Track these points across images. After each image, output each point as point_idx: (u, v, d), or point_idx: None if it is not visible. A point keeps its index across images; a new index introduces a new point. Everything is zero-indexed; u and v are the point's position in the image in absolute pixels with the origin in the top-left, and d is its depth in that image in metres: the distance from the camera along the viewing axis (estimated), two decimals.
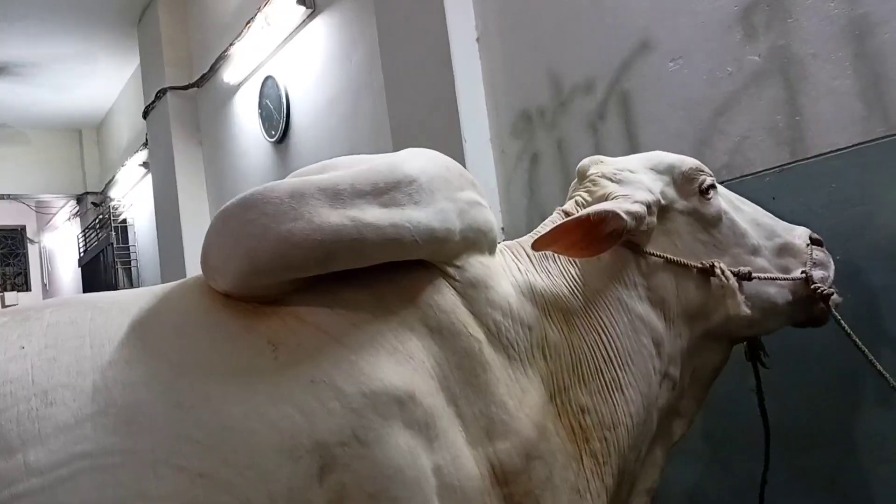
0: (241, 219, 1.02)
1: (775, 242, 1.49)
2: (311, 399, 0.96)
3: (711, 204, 1.43)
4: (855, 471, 1.79)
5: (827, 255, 1.54)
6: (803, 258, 1.49)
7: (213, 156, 5.77)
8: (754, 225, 1.49)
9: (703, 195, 1.43)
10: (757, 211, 1.54)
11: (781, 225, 1.54)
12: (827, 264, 1.53)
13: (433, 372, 1.09)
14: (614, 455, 1.26)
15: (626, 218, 1.29)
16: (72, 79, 7.66)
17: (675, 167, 1.45)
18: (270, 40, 4.62)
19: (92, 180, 9.60)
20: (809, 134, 1.88)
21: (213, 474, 0.88)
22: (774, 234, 1.50)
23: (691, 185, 1.43)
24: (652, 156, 1.50)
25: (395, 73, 3.27)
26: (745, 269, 1.39)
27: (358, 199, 1.07)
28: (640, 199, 1.35)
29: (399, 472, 0.97)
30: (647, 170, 1.45)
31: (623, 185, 1.39)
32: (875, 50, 1.75)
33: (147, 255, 7.76)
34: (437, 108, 2.99)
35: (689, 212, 1.43)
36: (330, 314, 1.07)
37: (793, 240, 1.51)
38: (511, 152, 2.89)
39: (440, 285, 1.16)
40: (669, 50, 2.24)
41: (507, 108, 2.90)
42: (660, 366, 1.35)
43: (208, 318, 1.03)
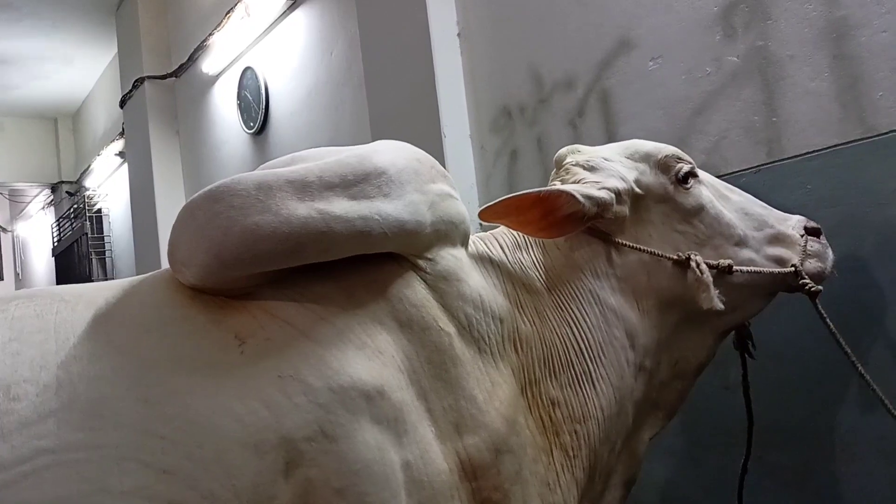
0: (208, 211, 1.01)
1: (766, 233, 1.45)
2: (278, 394, 0.95)
3: (690, 193, 1.40)
4: (826, 468, 1.81)
5: (824, 244, 1.49)
6: (796, 248, 1.44)
7: (191, 147, 5.71)
8: (742, 215, 1.45)
9: (680, 184, 1.40)
10: (747, 200, 1.49)
11: (775, 214, 1.49)
12: (823, 255, 1.47)
13: (403, 366, 1.08)
14: (584, 448, 1.26)
15: (582, 200, 1.27)
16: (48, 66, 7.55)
17: (652, 155, 1.43)
18: (250, 31, 4.58)
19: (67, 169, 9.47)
20: (786, 135, 1.90)
21: (178, 470, 0.87)
22: (765, 223, 1.46)
23: (667, 173, 1.40)
24: (629, 144, 1.47)
25: (375, 66, 3.26)
26: (725, 261, 1.36)
27: (326, 191, 1.06)
28: (608, 185, 1.33)
29: (366, 468, 0.96)
30: (624, 158, 1.42)
31: (595, 173, 1.37)
32: (852, 52, 1.76)
33: (122, 246, 7.67)
34: (418, 103, 2.98)
35: (664, 201, 1.40)
36: (298, 308, 1.05)
37: (785, 230, 1.46)
38: (491, 148, 2.88)
39: (410, 279, 1.15)
40: (649, 49, 2.25)
41: (488, 104, 2.89)
42: (634, 358, 1.34)
43: (175, 313, 1.02)
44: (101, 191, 8.31)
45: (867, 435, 1.73)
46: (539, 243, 1.40)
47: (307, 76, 4.11)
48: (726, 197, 1.47)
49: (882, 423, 1.67)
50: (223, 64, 5.01)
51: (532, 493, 1.16)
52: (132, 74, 6.02)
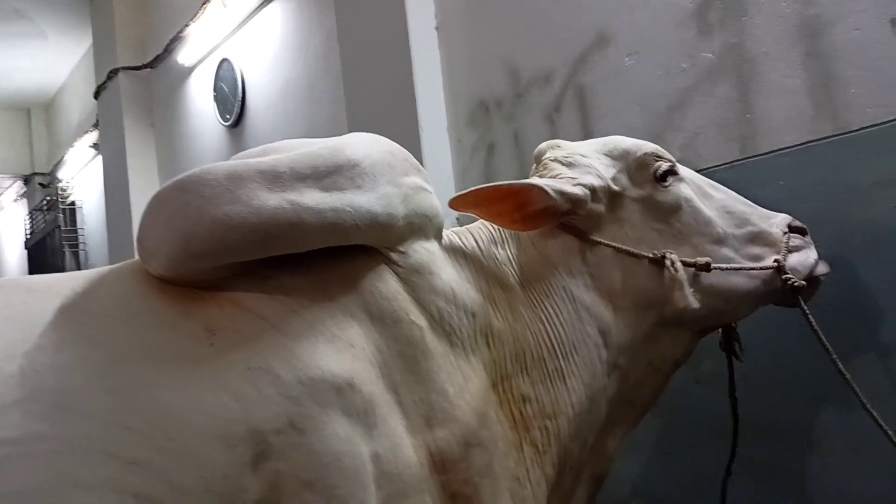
0: (177, 201, 0.99)
1: (747, 231, 1.43)
2: (248, 386, 0.94)
3: (668, 192, 1.38)
4: (799, 463, 1.83)
5: (808, 242, 1.48)
6: (778, 246, 1.42)
7: (166, 138, 5.66)
8: (724, 213, 1.43)
9: (658, 182, 1.38)
10: (730, 198, 1.48)
11: (758, 212, 1.48)
12: (805, 251, 1.46)
13: (374, 359, 1.07)
14: (554, 444, 1.26)
15: (554, 196, 1.26)
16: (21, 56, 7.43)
17: (630, 153, 1.41)
18: (227, 22, 4.54)
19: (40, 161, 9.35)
20: (759, 131, 1.91)
21: (146, 461, 0.86)
22: (747, 222, 1.44)
23: (645, 171, 1.39)
24: (609, 141, 1.46)
25: (352, 59, 3.24)
26: (703, 259, 1.34)
27: (298, 182, 1.04)
28: (583, 182, 1.33)
29: (336, 460, 0.96)
30: (602, 155, 1.42)
31: (572, 169, 1.37)
32: (825, 50, 1.78)
33: (96, 238, 7.58)
34: (395, 97, 2.96)
35: (642, 199, 1.39)
36: (269, 300, 1.04)
37: (767, 228, 1.45)
38: (468, 142, 2.88)
39: (382, 272, 1.14)
40: (626, 44, 2.25)
41: (465, 98, 2.89)
42: (607, 356, 1.33)
43: (144, 304, 1.00)
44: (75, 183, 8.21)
45: (840, 430, 1.75)
46: (515, 239, 1.39)
47: (284, 68, 4.08)
48: (709, 195, 1.45)
49: (855, 418, 1.69)
50: (199, 55, 4.97)
51: (502, 487, 1.15)
52: (107, 65, 5.95)
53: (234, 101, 4.52)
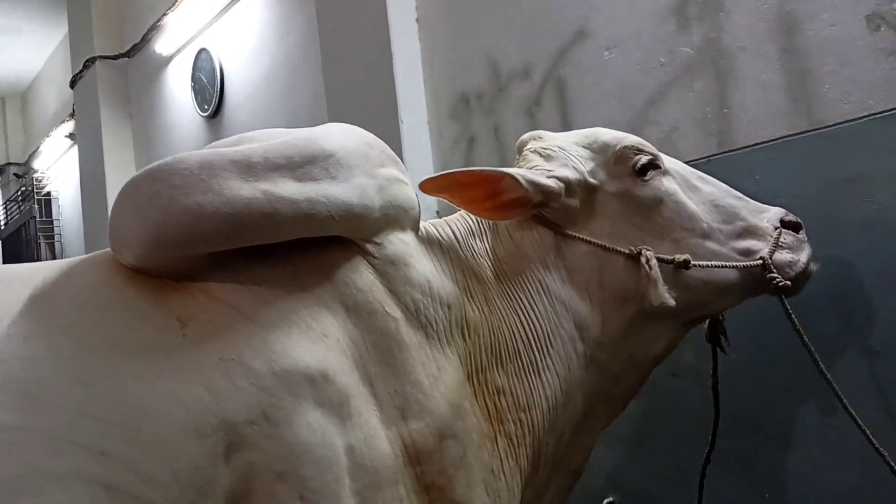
0: (148, 190, 0.98)
1: (735, 226, 1.41)
2: (220, 377, 0.94)
3: (648, 186, 1.36)
4: (770, 455, 1.85)
5: (800, 238, 1.45)
6: (768, 241, 1.40)
7: (143, 129, 5.60)
8: (711, 207, 1.41)
9: (637, 176, 1.36)
10: (720, 191, 1.45)
11: (750, 206, 1.45)
12: (797, 248, 1.43)
13: (348, 351, 1.07)
14: (529, 437, 1.26)
15: (525, 185, 1.26)
16: None
17: (609, 146, 1.39)
18: (205, 11, 4.49)
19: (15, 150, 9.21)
20: (736, 126, 1.92)
21: (116, 452, 0.85)
22: (736, 216, 1.41)
23: (624, 165, 1.37)
24: (590, 133, 1.44)
25: (332, 50, 3.22)
26: (681, 256, 1.32)
27: (271, 172, 1.04)
28: (558, 175, 1.32)
29: (309, 452, 0.95)
30: (581, 147, 1.40)
31: (549, 161, 1.37)
32: (802, 46, 1.79)
33: (72, 230, 7.49)
34: (375, 89, 2.95)
35: (620, 193, 1.37)
36: (242, 291, 1.04)
37: (758, 222, 1.42)
38: (448, 135, 2.87)
39: (358, 263, 1.14)
40: (605, 38, 2.26)
41: (446, 91, 2.88)
42: (583, 350, 1.33)
43: (115, 294, 0.99)
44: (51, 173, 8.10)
45: (811, 424, 1.77)
46: (493, 231, 1.39)
47: (263, 59, 4.05)
48: (696, 188, 1.43)
49: (825, 412, 1.72)
50: (177, 45, 4.91)
51: (476, 479, 1.15)
52: (83, 54, 5.86)
53: (212, 92, 4.48)
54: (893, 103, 1.65)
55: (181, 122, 4.99)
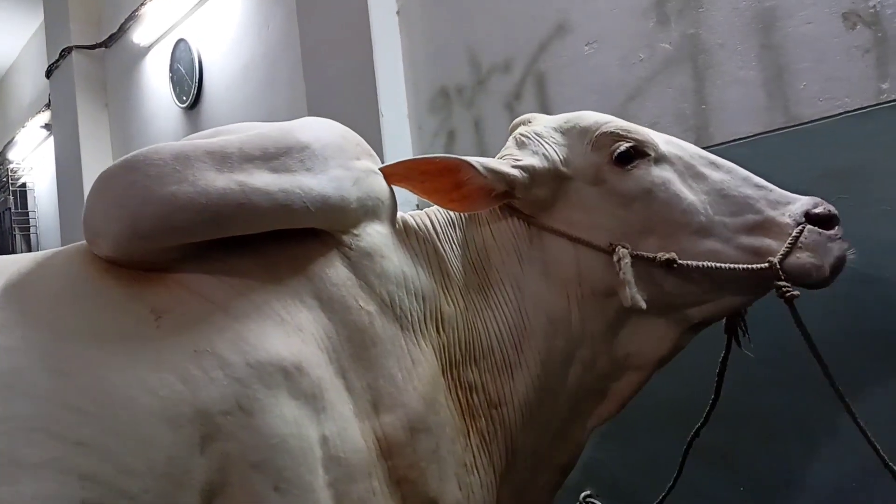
0: (123, 181, 0.98)
1: (745, 219, 1.24)
2: (194, 368, 0.94)
3: (630, 176, 1.25)
4: (747, 447, 1.87)
5: (827, 235, 1.22)
6: (784, 238, 1.21)
7: (121, 120, 5.53)
8: (718, 197, 1.25)
9: (616, 166, 1.25)
10: (733, 179, 1.28)
11: (771, 196, 1.27)
12: (821, 248, 1.21)
13: (323, 344, 1.07)
14: (500, 433, 1.25)
15: (483, 173, 1.21)
16: None
17: (589, 131, 1.29)
18: (184, 1, 4.45)
19: None
20: (714, 122, 1.94)
21: (92, 442, 0.85)
22: (748, 208, 1.24)
23: (601, 153, 1.27)
24: (571, 117, 1.34)
25: (312, 42, 3.20)
26: (664, 255, 1.21)
27: (246, 163, 1.04)
28: (523, 163, 1.26)
29: (283, 442, 0.96)
30: (559, 133, 1.32)
31: (521, 148, 1.31)
32: (779, 42, 1.81)
33: (48, 222, 7.41)
34: (355, 81, 2.94)
35: (598, 183, 1.27)
36: (217, 283, 1.04)
37: (775, 216, 1.24)
38: (428, 129, 2.87)
39: (333, 257, 1.14)
40: (585, 33, 2.26)
41: (426, 84, 2.87)
42: (562, 346, 1.28)
43: (90, 285, 0.99)
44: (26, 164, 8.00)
45: (786, 416, 1.79)
46: (471, 222, 1.36)
47: (243, 50, 4.01)
48: (701, 176, 1.28)
49: (800, 403, 1.74)
50: (155, 35, 4.86)
51: (449, 473, 1.16)
52: (59, 43, 5.78)
53: (191, 83, 4.44)
54: (869, 100, 1.67)
55: (159, 114, 4.94)
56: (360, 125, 1.26)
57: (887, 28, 1.64)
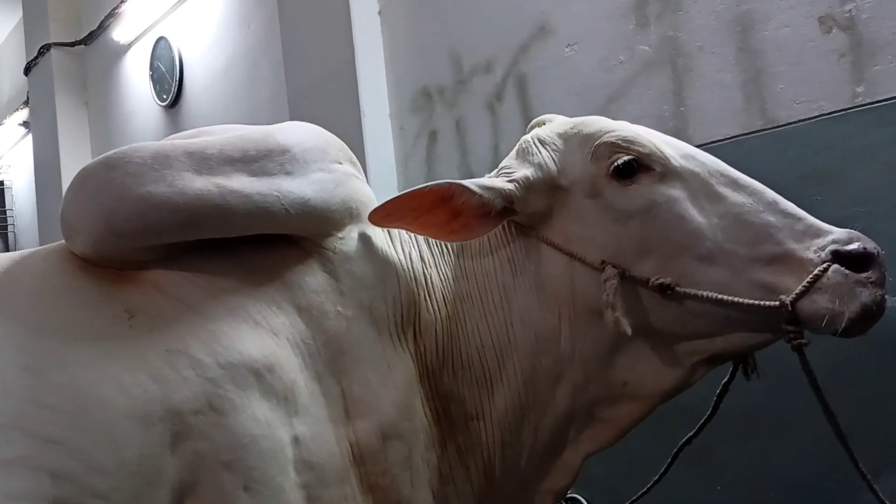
0: (101, 178, 0.99)
1: (762, 250, 1.08)
2: (166, 367, 0.94)
3: (629, 192, 1.13)
4: (727, 446, 1.89)
5: (858, 279, 1.03)
6: (803, 277, 1.04)
7: (100, 118, 5.48)
8: (734, 222, 1.10)
9: (614, 179, 1.14)
10: (756, 202, 1.12)
11: (800, 226, 1.10)
12: (847, 293, 1.02)
13: (299, 349, 1.07)
14: (478, 447, 1.22)
15: (479, 192, 1.12)
16: None
17: (590, 140, 1.18)
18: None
19: None
20: (693, 124, 1.95)
21: (64, 439, 0.85)
22: (768, 238, 1.08)
23: (599, 164, 1.16)
24: (577, 123, 1.23)
25: (294, 41, 3.19)
26: (658, 279, 1.09)
27: (226, 165, 1.04)
28: (518, 175, 1.18)
29: (254, 443, 0.96)
30: (561, 141, 1.22)
31: (520, 157, 1.23)
32: (756, 45, 1.83)
33: (25, 220, 7.32)
34: (337, 81, 2.93)
35: (595, 196, 1.16)
36: (191, 286, 1.04)
37: (797, 251, 1.06)
38: (410, 129, 2.87)
39: (312, 264, 1.13)
40: (566, 35, 2.27)
41: (408, 84, 2.87)
42: (549, 365, 1.19)
43: (66, 284, 0.99)
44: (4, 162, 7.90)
45: (766, 415, 1.81)
46: None
47: (224, 48, 3.99)
48: (718, 197, 1.13)
49: (780, 403, 1.75)
50: (135, 33, 4.82)
51: (422, 481, 1.15)
52: (38, 40, 5.72)
53: (171, 81, 4.41)
54: (844, 103, 1.70)
55: (139, 112, 4.90)
56: (341, 125, 1.26)
57: (862, 32, 1.67)
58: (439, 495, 1.19)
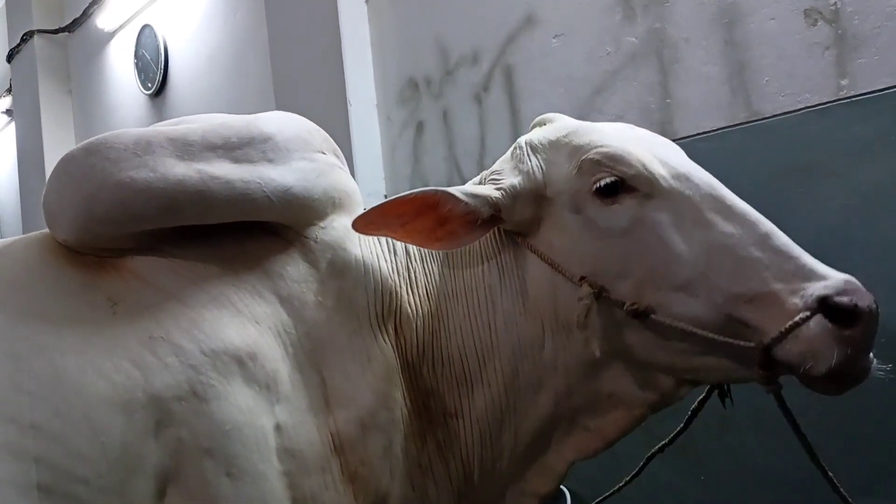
0: (83, 163, 0.99)
1: (746, 287, 1.01)
2: (148, 354, 0.94)
3: (611, 212, 1.09)
4: (705, 439, 1.90)
5: (838, 334, 0.94)
6: (780, 322, 0.97)
7: (84, 106, 5.44)
8: (720, 254, 1.03)
9: (596, 197, 1.10)
10: (745, 235, 1.04)
11: (789, 265, 1.01)
12: (820, 348, 0.94)
13: (281, 339, 1.07)
14: (457, 444, 1.22)
15: (465, 199, 1.10)
16: None
17: (578, 152, 1.14)
18: None
19: None
20: (678, 116, 1.96)
21: (45, 425, 0.85)
22: (753, 276, 1.01)
23: (583, 180, 1.12)
24: (573, 130, 1.18)
25: (280, 30, 3.17)
26: (633, 305, 1.05)
27: (208, 152, 1.04)
28: (505, 183, 1.16)
29: (237, 430, 0.96)
30: (552, 148, 1.19)
31: (512, 162, 1.21)
32: (742, 38, 1.83)
33: (8, 210, 7.26)
34: (323, 70, 2.92)
35: (577, 211, 1.13)
36: (172, 274, 1.04)
37: (782, 293, 0.99)
38: (397, 119, 2.86)
39: (294, 254, 1.13)
40: (553, 26, 2.27)
41: (395, 75, 2.86)
42: (530, 370, 1.18)
43: (48, 272, 0.99)
44: None
45: (743, 408, 1.81)
46: None
47: (209, 37, 3.96)
48: (706, 223, 1.06)
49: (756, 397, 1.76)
50: (120, 20, 4.78)
51: (401, 470, 1.15)
52: (21, 27, 5.65)
53: (156, 70, 4.37)
54: (828, 96, 1.70)
55: (123, 100, 4.86)
56: (327, 115, 1.25)
57: (847, 25, 1.67)
58: (419, 487, 1.19)
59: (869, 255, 1.63)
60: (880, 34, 1.63)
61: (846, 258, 1.65)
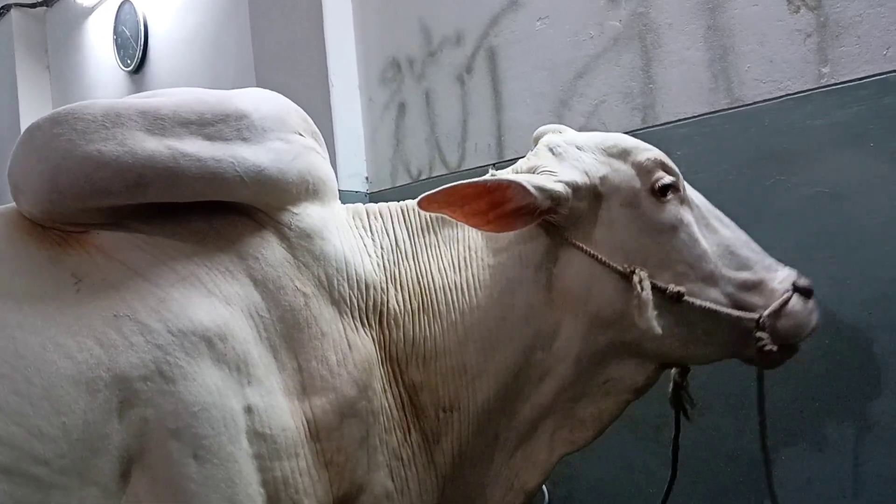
0: (48, 134, 0.96)
1: (745, 277, 1.28)
2: (113, 332, 0.93)
3: (665, 209, 1.25)
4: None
5: (809, 308, 1.31)
6: (773, 302, 1.27)
7: (62, 83, 5.34)
8: (725, 252, 1.29)
9: (655, 195, 1.25)
10: (737, 239, 1.32)
11: (765, 262, 1.32)
12: (803, 319, 1.29)
13: (253, 321, 1.05)
14: (450, 435, 1.22)
15: (534, 192, 1.15)
16: None
17: (630, 153, 1.27)
18: None
19: None
20: (660, 101, 1.95)
21: (5, 405, 0.84)
22: (749, 269, 1.29)
23: (646, 178, 1.26)
24: (610, 137, 1.32)
25: (261, 7, 3.12)
26: (675, 287, 1.22)
27: (180, 127, 1.02)
28: (565, 178, 1.21)
29: (204, 410, 0.95)
30: (599, 150, 1.28)
31: (560, 161, 1.25)
32: (725, 24, 1.82)
33: None
34: (305, 50, 2.88)
35: (631, 206, 1.25)
36: (140, 252, 1.02)
37: (769, 281, 1.29)
38: (379, 100, 2.84)
39: (269, 237, 1.11)
40: (537, 9, 2.25)
41: (377, 55, 2.83)
42: (543, 360, 1.24)
43: (11, 247, 0.97)
44: None
45: (716, 391, 1.83)
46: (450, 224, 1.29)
47: (190, 14, 3.90)
48: (713, 228, 1.31)
49: (729, 380, 1.78)
50: None
51: (379, 461, 1.15)
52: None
53: (135, 46, 4.30)
54: (809, 84, 1.70)
55: (102, 77, 4.78)
56: (309, 95, 1.23)
57: (829, 12, 1.67)
58: (398, 478, 1.18)
59: (847, 241, 1.64)
60: (862, 22, 1.63)
61: (824, 245, 1.67)
